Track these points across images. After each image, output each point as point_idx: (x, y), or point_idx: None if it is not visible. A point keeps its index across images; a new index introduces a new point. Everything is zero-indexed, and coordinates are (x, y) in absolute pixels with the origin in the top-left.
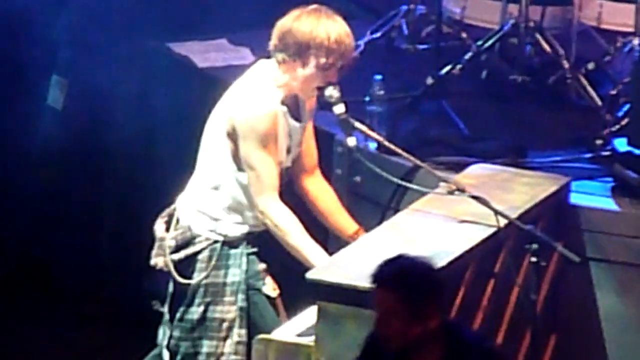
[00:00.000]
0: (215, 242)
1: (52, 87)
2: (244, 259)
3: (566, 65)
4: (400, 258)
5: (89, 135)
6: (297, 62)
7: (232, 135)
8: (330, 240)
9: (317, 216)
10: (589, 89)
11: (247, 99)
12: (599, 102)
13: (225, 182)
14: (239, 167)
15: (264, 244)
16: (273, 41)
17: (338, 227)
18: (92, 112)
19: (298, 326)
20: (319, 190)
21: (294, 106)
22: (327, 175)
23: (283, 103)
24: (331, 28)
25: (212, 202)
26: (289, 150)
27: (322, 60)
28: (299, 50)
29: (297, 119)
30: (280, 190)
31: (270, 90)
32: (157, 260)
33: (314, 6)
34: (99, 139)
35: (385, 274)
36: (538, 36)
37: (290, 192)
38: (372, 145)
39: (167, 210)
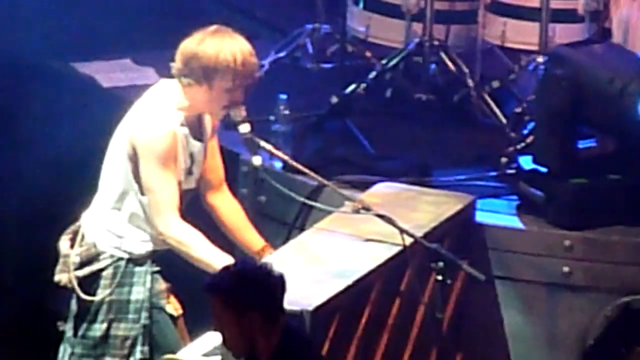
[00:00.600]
0: (120, 259)
1: None
2: (149, 277)
3: (471, 83)
4: (235, 265)
5: None
6: (203, 85)
7: (132, 156)
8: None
9: (225, 232)
10: (494, 107)
11: (146, 119)
12: (504, 120)
13: (128, 200)
14: (140, 187)
15: (169, 262)
16: (177, 65)
17: (245, 242)
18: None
19: (204, 346)
20: (226, 206)
21: (195, 126)
22: (233, 194)
23: (184, 124)
24: (236, 50)
25: (117, 220)
26: (190, 172)
27: (229, 82)
28: (205, 74)
29: (199, 139)
30: (181, 212)
31: (170, 111)
32: (61, 277)
33: (216, 27)
34: (2, 157)
35: (211, 281)
36: (442, 55)
37: (195, 212)
38: (278, 165)
39: (72, 227)
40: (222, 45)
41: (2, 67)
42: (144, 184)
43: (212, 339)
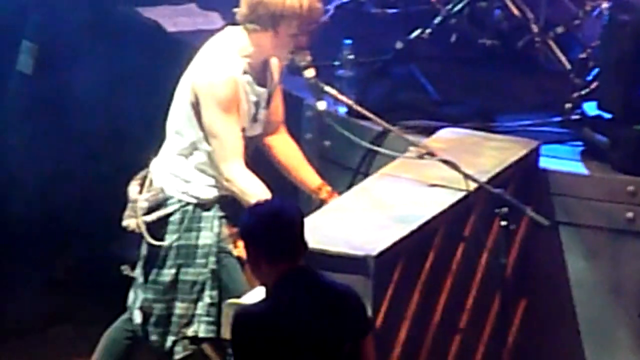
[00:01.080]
0: (187, 204)
1: (22, 52)
2: (216, 222)
3: (535, 29)
4: (256, 204)
5: (57, 100)
6: (269, 31)
7: (195, 103)
8: (300, 202)
9: (282, 171)
10: (558, 53)
11: (208, 66)
12: (568, 66)
13: (194, 146)
14: (204, 134)
15: (237, 207)
16: (242, 11)
17: (302, 181)
18: (62, 76)
19: None
20: (283, 146)
21: (260, 73)
22: (297, 139)
23: (247, 71)
24: None
25: (184, 165)
26: (255, 118)
27: (294, 28)
28: (271, 21)
29: (263, 85)
30: (247, 157)
31: (232, 58)
32: (129, 222)
33: None
34: (68, 103)
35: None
36: (507, 0)
37: (259, 160)
38: (342, 110)
39: (142, 173)
40: None
41: (67, 13)
42: (208, 131)
43: None
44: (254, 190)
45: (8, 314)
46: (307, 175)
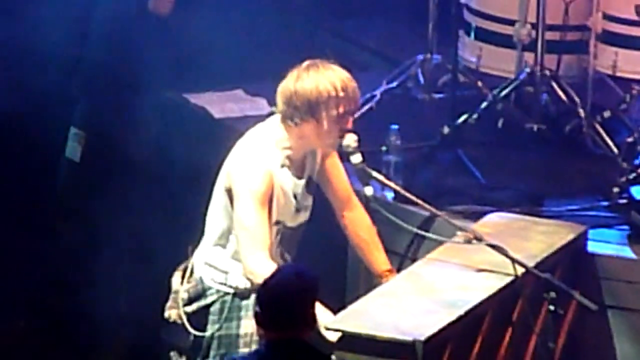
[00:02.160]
0: (226, 294)
1: (70, 139)
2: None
3: (582, 113)
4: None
5: (107, 188)
6: (311, 121)
7: (230, 192)
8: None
9: (355, 249)
10: (605, 137)
11: (244, 157)
12: (616, 150)
13: (230, 236)
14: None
15: None
16: (280, 107)
17: (370, 262)
18: (110, 164)
19: None
20: (354, 224)
21: (298, 165)
22: None
23: (285, 164)
24: (334, 78)
25: (220, 255)
26: (298, 210)
27: (334, 111)
28: (309, 109)
29: (300, 176)
30: (292, 247)
31: (270, 150)
32: (171, 313)
33: (308, 62)
34: (117, 191)
35: None
36: (554, 84)
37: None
38: (389, 195)
39: (184, 263)
40: (318, 77)
41: (116, 100)
42: (236, 221)
43: None
44: None
45: None
46: (376, 257)
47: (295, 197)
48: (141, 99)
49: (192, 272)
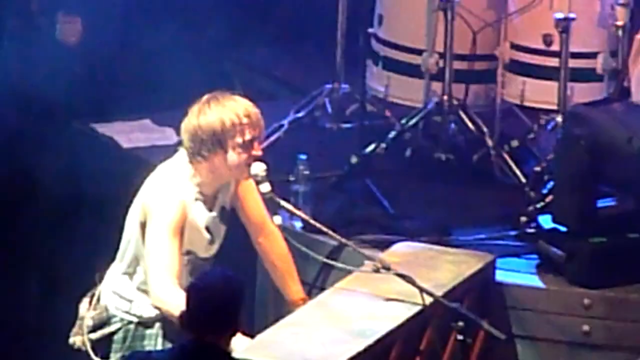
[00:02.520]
0: (130, 322)
1: None
2: (159, 340)
3: (490, 142)
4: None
5: (10, 218)
6: (219, 152)
7: (144, 223)
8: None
9: (270, 275)
10: (513, 166)
11: (159, 188)
12: (524, 179)
13: (138, 266)
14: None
15: None
16: (186, 144)
17: (285, 289)
18: (16, 195)
19: None
20: (268, 248)
21: (209, 198)
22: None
23: (199, 198)
24: (236, 107)
25: (127, 284)
26: (211, 241)
27: (240, 139)
28: (216, 141)
29: (211, 209)
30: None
31: (184, 184)
32: (75, 339)
33: (208, 96)
34: (26, 219)
35: None
36: (462, 114)
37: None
38: (298, 224)
39: (92, 290)
40: (220, 108)
41: (22, 130)
42: (147, 247)
43: None
44: (179, 308)
45: None
46: (290, 286)
47: (207, 229)
48: (50, 127)
49: (98, 299)
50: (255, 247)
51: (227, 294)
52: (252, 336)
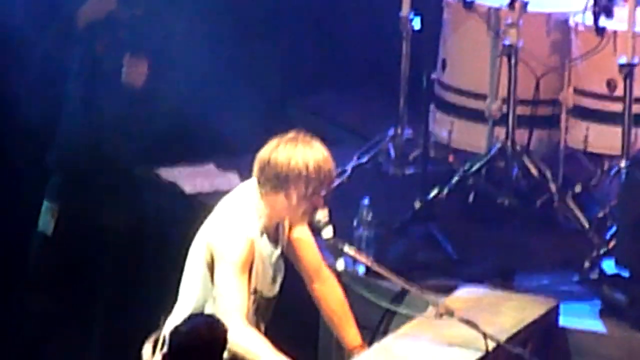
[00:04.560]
0: None
1: (43, 213)
2: None
3: (553, 188)
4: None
5: (78, 262)
6: (280, 193)
7: (210, 263)
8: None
9: (326, 322)
10: (577, 211)
11: (225, 225)
12: (587, 225)
13: (205, 307)
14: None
15: None
16: (255, 173)
17: (342, 336)
18: (82, 238)
19: None
20: (325, 295)
21: (273, 233)
22: None
23: (264, 232)
24: (309, 156)
25: None
26: (274, 279)
27: (303, 189)
28: (279, 182)
29: (276, 245)
30: (265, 320)
31: (249, 218)
32: None
33: (293, 134)
34: (89, 266)
35: None
36: (525, 159)
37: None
38: (361, 269)
39: (156, 334)
40: (294, 152)
41: (87, 175)
42: (216, 288)
43: None
44: (255, 348)
45: None
46: (347, 332)
47: (273, 265)
48: (114, 173)
49: (163, 342)
50: (311, 293)
51: (209, 339)
52: None
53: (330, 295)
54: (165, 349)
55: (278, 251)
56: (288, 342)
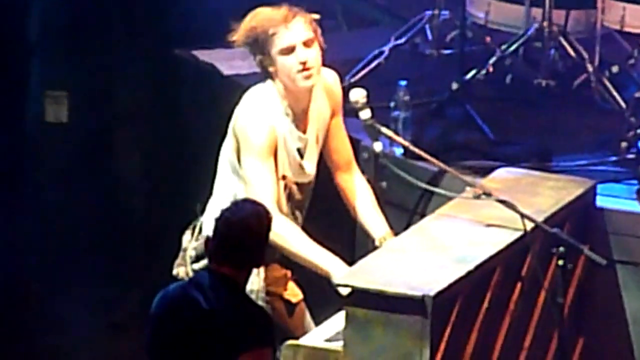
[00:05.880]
0: None
1: (49, 103)
2: (261, 267)
3: (590, 68)
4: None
5: (108, 148)
6: (266, 58)
7: (237, 148)
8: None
9: (351, 213)
10: (614, 92)
11: (246, 111)
12: (624, 105)
13: (239, 192)
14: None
15: None
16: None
17: (368, 227)
18: (107, 122)
19: (327, 331)
20: (352, 188)
21: (301, 120)
22: None
23: (288, 116)
24: (273, 13)
25: None
26: (301, 166)
27: (271, 44)
28: (258, 47)
29: (304, 131)
30: (301, 204)
31: (271, 102)
32: (179, 270)
33: None
34: (120, 150)
35: None
36: (562, 40)
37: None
38: (398, 151)
39: (194, 221)
40: (258, 16)
41: (125, 57)
42: (243, 177)
43: (335, 324)
44: (286, 234)
45: (68, 357)
46: (374, 222)
47: (299, 151)
48: (152, 56)
49: (200, 230)
50: (338, 185)
51: (256, 229)
52: (351, 264)
53: (357, 185)
54: (201, 235)
55: (307, 137)
56: (326, 235)
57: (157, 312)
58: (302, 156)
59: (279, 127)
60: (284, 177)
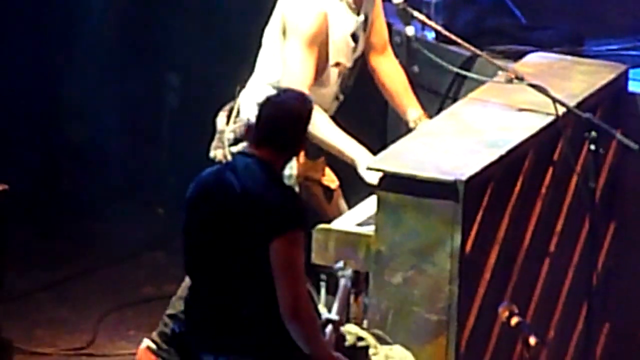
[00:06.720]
0: None
1: None
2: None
3: None
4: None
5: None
6: None
7: (284, 33)
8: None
9: (385, 96)
10: None
11: None
12: None
13: (280, 80)
14: None
15: None
16: None
17: (402, 108)
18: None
19: (358, 216)
20: (387, 70)
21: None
22: None
23: (342, 0)
24: None
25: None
26: (355, 50)
27: None
28: None
29: (358, 11)
30: (347, 90)
31: None
32: (216, 153)
33: None
34: (156, 32)
35: None
36: None
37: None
38: (430, 35)
39: (230, 104)
40: None
41: None
42: (283, 58)
43: (367, 209)
44: (315, 120)
45: (103, 240)
46: (407, 103)
47: (353, 36)
48: None
49: (238, 112)
50: (372, 68)
51: (300, 114)
52: (376, 152)
53: (392, 68)
54: (239, 118)
55: (360, 18)
56: (357, 121)
57: (192, 195)
58: (355, 40)
59: (332, 13)
60: (337, 64)
